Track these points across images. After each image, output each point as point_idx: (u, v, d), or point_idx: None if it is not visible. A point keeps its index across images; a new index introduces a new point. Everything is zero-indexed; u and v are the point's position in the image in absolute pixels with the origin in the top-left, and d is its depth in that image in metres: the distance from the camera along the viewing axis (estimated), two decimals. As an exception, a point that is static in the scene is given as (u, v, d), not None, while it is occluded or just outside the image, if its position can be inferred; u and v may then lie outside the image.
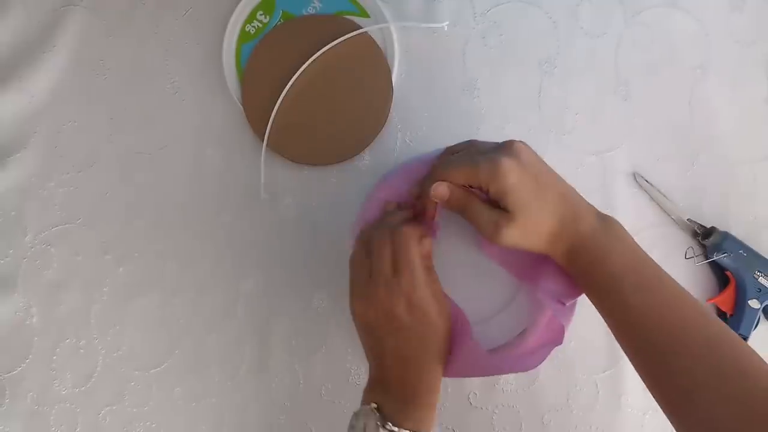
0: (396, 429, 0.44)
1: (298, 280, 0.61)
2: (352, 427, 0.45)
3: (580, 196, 0.48)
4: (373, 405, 0.45)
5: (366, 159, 0.61)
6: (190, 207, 0.62)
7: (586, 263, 0.46)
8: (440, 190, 0.48)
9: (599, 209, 0.46)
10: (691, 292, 0.59)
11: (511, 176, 0.44)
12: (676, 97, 0.61)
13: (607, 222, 0.46)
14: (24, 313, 0.61)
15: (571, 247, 0.46)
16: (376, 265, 0.47)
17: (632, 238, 0.46)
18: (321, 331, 0.60)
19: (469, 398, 0.59)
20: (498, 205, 0.46)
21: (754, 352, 0.41)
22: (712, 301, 0.58)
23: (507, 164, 0.44)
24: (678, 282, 0.45)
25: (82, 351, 0.61)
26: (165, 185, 0.62)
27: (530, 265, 0.53)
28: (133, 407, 0.61)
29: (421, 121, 0.61)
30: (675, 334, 0.42)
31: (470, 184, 0.47)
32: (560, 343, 0.51)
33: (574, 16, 0.62)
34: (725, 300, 0.58)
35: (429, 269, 0.49)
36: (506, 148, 0.46)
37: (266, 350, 0.60)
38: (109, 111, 0.62)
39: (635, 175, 0.61)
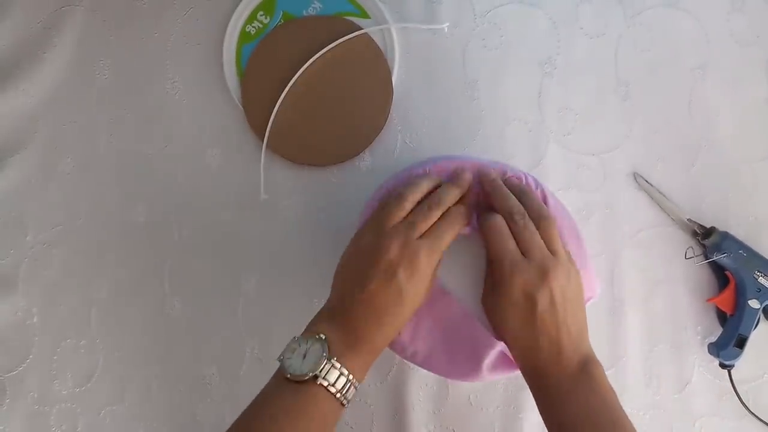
0: (339, 365, 0.43)
1: (298, 280, 0.61)
2: (291, 349, 0.43)
3: (580, 341, 0.46)
4: (322, 335, 0.44)
5: (366, 159, 0.61)
6: (191, 207, 0.62)
7: (545, 396, 0.45)
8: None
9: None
10: (691, 293, 0.60)
11: (514, 294, 0.44)
12: (676, 97, 0.61)
13: (587, 374, 0.45)
14: (24, 313, 0.61)
15: (535, 376, 0.46)
16: (415, 217, 0.46)
17: (611, 399, 0.45)
18: (321, 331, 0.60)
19: (469, 398, 0.59)
20: None
21: None
22: (712, 301, 0.58)
23: (519, 286, 0.44)
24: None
25: (82, 351, 0.61)
26: (165, 185, 0.62)
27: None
28: (133, 407, 0.61)
29: (421, 121, 0.61)
30: None
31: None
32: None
33: (574, 16, 0.62)
34: (725, 300, 0.58)
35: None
36: (541, 270, 0.44)
37: (266, 350, 0.60)
38: (109, 111, 0.63)
39: (635, 175, 0.61)
